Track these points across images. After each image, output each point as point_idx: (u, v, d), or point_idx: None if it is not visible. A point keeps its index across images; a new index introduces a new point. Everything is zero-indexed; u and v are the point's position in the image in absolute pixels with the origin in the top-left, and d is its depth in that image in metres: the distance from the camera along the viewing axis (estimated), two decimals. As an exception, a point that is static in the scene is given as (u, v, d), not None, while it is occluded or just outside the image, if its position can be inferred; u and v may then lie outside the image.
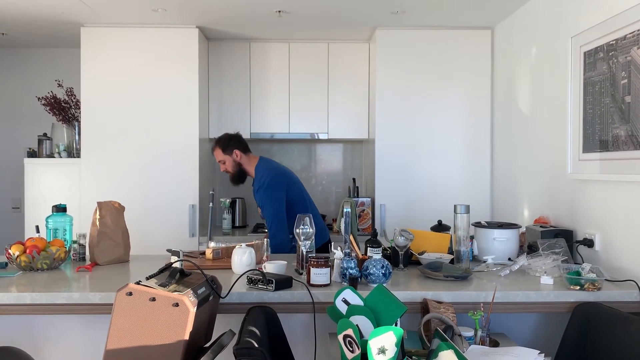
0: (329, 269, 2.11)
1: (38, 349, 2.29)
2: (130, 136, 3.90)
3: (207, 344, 1.88)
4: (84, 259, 2.68)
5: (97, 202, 2.65)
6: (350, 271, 2.10)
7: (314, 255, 2.16)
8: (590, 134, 2.59)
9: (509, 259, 2.62)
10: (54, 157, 4.01)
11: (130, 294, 1.66)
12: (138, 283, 1.69)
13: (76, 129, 4.03)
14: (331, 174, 4.75)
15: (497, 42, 3.91)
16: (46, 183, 3.97)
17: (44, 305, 2.00)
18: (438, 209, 3.85)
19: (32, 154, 4.03)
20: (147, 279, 1.76)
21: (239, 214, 4.45)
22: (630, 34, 2.28)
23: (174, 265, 1.89)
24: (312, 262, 2.10)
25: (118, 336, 1.64)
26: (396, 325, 1.71)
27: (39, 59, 4.62)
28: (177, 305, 1.64)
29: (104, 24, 3.87)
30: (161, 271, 1.83)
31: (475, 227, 2.74)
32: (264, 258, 2.53)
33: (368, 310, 1.74)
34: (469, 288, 2.12)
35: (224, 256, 2.60)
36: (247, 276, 2.10)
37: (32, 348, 2.24)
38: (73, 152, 4.04)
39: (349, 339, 1.62)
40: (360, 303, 1.79)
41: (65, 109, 4.10)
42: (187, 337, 1.63)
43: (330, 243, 3.29)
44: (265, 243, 2.59)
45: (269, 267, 2.26)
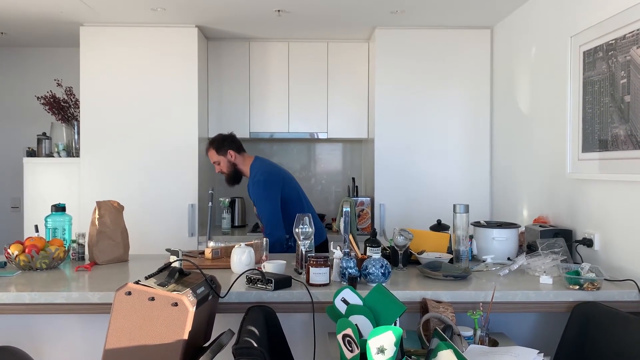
0: (328, 268, 2.11)
1: (37, 348, 2.28)
2: (130, 135, 3.90)
3: (206, 344, 1.88)
4: (83, 259, 2.68)
5: (96, 202, 2.65)
6: (350, 271, 2.10)
7: (313, 254, 2.16)
8: (590, 133, 2.59)
9: (508, 258, 2.62)
10: (53, 157, 4.01)
11: (129, 293, 1.66)
12: (137, 282, 1.69)
13: (75, 128, 4.03)
14: (330, 173, 4.75)
15: (497, 41, 3.91)
16: (45, 182, 3.97)
17: (42, 304, 2.00)
18: (437, 208, 3.85)
19: (31, 154, 4.02)
20: (146, 278, 1.75)
21: (238, 214, 4.45)
22: (629, 33, 2.28)
23: (173, 264, 1.89)
24: (312, 262, 2.10)
25: (117, 336, 1.64)
26: (395, 324, 1.71)
27: (38, 58, 4.62)
28: (176, 304, 1.64)
29: (103, 23, 3.87)
30: (160, 271, 1.83)
31: (475, 226, 2.74)
32: (263, 258, 2.54)
33: (367, 309, 1.74)
34: (468, 288, 2.12)
35: (223, 256, 2.60)
36: (246, 276, 2.10)
37: (31, 348, 2.24)
38: (72, 151, 4.03)
39: (348, 338, 1.62)
40: (360, 302, 1.79)
41: (64, 109, 4.10)
42: (186, 336, 1.63)
43: (328, 243, 3.29)
44: (264, 243, 2.59)
45: (268, 267, 2.25)
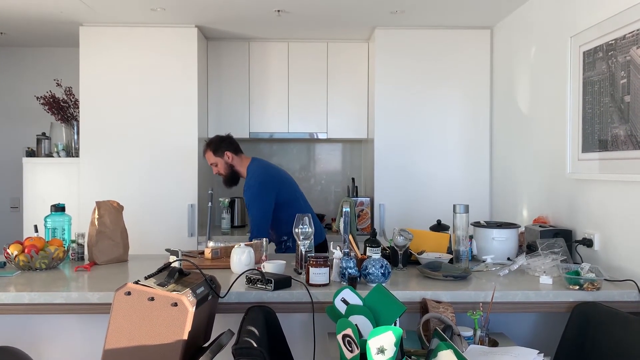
0: (328, 268, 2.11)
1: (36, 348, 2.28)
2: (129, 135, 3.90)
3: (206, 344, 1.87)
4: (82, 259, 2.67)
5: (96, 202, 2.65)
6: (350, 271, 2.10)
7: (313, 254, 2.16)
8: (590, 133, 2.59)
9: (508, 258, 2.62)
10: (52, 157, 4.00)
11: (128, 293, 1.66)
12: (137, 282, 1.69)
13: (75, 128, 4.03)
14: (330, 173, 4.75)
15: (497, 41, 3.91)
16: (45, 182, 3.97)
17: (42, 304, 2.00)
18: (437, 208, 3.85)
19: (31, 154, 4.02)
20: (146, 278, 1.75)
21: (238, 214, 4.45)
22: (629, 33, 2.28)
23: (172, 264, 1.88)
24: (311, 262, 2.10)
25: (116, 336, 1.64)
26: (395, 325, 1.71)
27: (38, 58, 4.62)
28: (175, 305, 1.63)
29: (103, 23, 3.86)
30: (160, 271, 1.82)
31: (475, 226, 2.74)
32: (263, 258, 2.53)
33: (367, 310, 1.74)
34: (468, 288, 2.11)
35: (223, 256, 2.60)
36: (246, 276, 2.10)
37: (30, 348, 2.24)
38: (72, 151, 4.03)
39: (348, 338, 1.62)
40: (360, 303, 1.79)
41: (64, 109, 4.10)
42: (185, 336, 1.62)
43: (327, 243, 3.29)
44: (264, 243, 2.59)
45: (268, 267, 2.25)
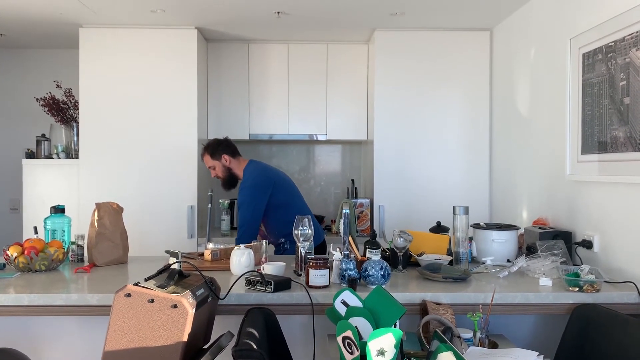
0: (328, 270, 2.11)
1: (36, 350, 2.28)
2: (129, 137, 3.90)
3: (206, 346, 1.87)
4: (82, 260, 2.67)
5: (96, 203, 2.65)
6: (349, 272, 2.10)
7: (312, 256, 2.16)
8: (589, 135, 2.59)
9: (508, 260, 2.62)
10: (52, 158, 4.00)
11: (128, 295, 1.66)
12: (136, 284, 1.69)
13: (74, 129, 4.03)
14: (330, 175, 4.75)
15: (496, 43, 3.92)
16: (44, 184, 3.96)
17: (42, 306, 2.00)
18: (437, 210, 3.86)
19: (31, 155, 4.02)
20: (146, 280, 1.75)
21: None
22: (629, 35, 2.29)
23: (172, 266, 1.88)
24: (311, 264, 2.10)
25: (116, 338, 1.64)
26: (395, 326, 1.71)
27: (38, 59, 4.62)
28: (175, 306, 1.63)
29: (103, 25, 3.87)
30: (160, 272, 1.82)
31: (474, 228, 2.74)
32: (263, 259, 2.53)
33: (367, 311, 1.74)
34: (467, 289, 2.11)
35: (223, 257, 2.60)
36: (246, 277, 2.10)
37: (30, 350, 2.24)
38: (71, 153, 4.03)
39: (348, 340, 1.62)
40: (359, 304, 1.79)
41: (63, 110, 4.10)
42: (185, 338, 1.62)
43: (326, 244, 3.29)
44: (264, 244, 2.59)
45: (268, 269, 2.25)
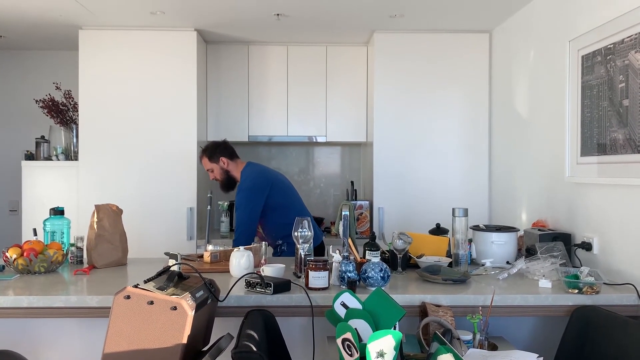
0: (328, 272, 2.11)
1: (35, 352, 2.28)
2: (128, 139, 3.90)
3: (205, 348, 1.87)
4: (81, 262, 2.67)
5: (95, 205, 2.65)
6: (349, 274, 2.10)
7: (312, 258, 2.16)
8: (588, 137, 2.59)
9: (507, 262, 2.62)
10: (51, 160, 4.00)
11: (128, 297, 1.65)
12: (136, 286, 1.69)
13: (74, 131, 4.03)
14: (329, 176, 4.75)
15: (495, 45, 3.92)
16: (44, 186, 3.96)
17: (41, 308, 2.00)
18: (436, 212, 3.86)
19: (30, 157, 4.02)
20: (145, 282, 1.75)
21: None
22: (627, 37, 2.29)
23: (172, 268, 1.88)
24: (311, 266, 2.10)
25: (116, 340, 1.63)
26: (395, 328, 1.71)
27: (37, 61, 4.62)
28: (175, 308, 1.63)
29: (102, 26, 3.87)
30: (159, 274, 1.82)
31: (474, 230, 2.74)
32: (262, 261, 2.53)
33: (367, 313, 1.74)
34: (467, 291, 2.11)
35: (222, 259, 2.59)
36: (246, 279, 2.10)
37: (29, 352, 2.23)
38: (71, 154, 4.03)
39: (348, 342, 1.62)
40: (359, 306, 1.79)
41: (63, 112, 4.10)
42: (185, 340, 1.62)
43: (324, 246, 3.30)
44: (263, 246, 2.59)
45: (267, 271, 2.25)
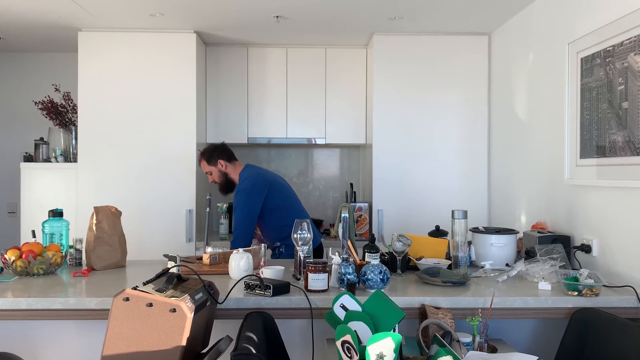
0: (327, 274, 2.11)
1: (34, 354, 2.27)
2: (127, 141, 3.89)
3: (204, 350, 1.87)
4: (80, 264, 2.67)
5: (94, 207, 2.65)
6: (348, 277, 2.10)
7: (311, 260, 2.16)
8: (588, 139, 2.59)
9: (507, 264, 2.62)
10: (50, 162, 4.00)
11: (127, 299, 1.65)
12: (135, 288, 1.68)
13: (73, 133, 4.03)
14: (328, 179, 4.75)
15: (495, 48, 3.93)
16: (42, 187, 3.96)
17: (40, 310, 1.99)
18: (436, 214, 3.86)
19: (29, 158, 4.01)
20: (144, 284, 1.75)
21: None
22: (627, 40, 2.29)
23: (171, 270, 1.88)
24: (310, 268, 2.09)
25: (115, 342, 1.63)
26: (394, 331, 1.71)
27: (36, 63, 4.62)
28: (174, 310, 1.63)
29: (102, 28, 3.87)
30: (158, 276, 1.82)
31: (473, 232, 2.74)
32: (262, 263, 2.53)
33: (366, 316, 1.73)
34: (466, 294, 2.11)
35: (222, 261, 2.59)
36: (245, 282, 2.10)
37: (28, 354, 2.23)
38: (70, 156, 4.02)
39: (347, 345, 1.61)
40: (359, 309, 1.78)
41: (62, 114, 4.09)
42: (184, 342, 1.62)
43: (322, 248, 3.30)
44: (262, 248, 2.58)
45: (267, 273, 2.25)
